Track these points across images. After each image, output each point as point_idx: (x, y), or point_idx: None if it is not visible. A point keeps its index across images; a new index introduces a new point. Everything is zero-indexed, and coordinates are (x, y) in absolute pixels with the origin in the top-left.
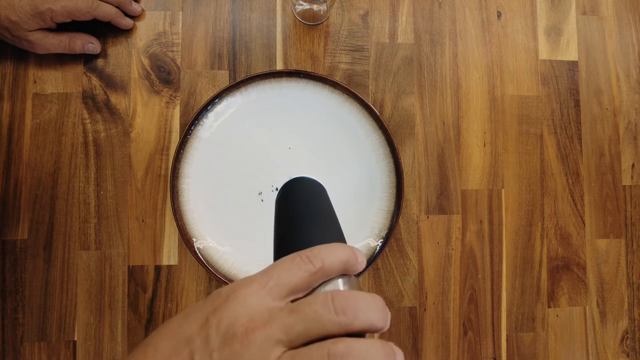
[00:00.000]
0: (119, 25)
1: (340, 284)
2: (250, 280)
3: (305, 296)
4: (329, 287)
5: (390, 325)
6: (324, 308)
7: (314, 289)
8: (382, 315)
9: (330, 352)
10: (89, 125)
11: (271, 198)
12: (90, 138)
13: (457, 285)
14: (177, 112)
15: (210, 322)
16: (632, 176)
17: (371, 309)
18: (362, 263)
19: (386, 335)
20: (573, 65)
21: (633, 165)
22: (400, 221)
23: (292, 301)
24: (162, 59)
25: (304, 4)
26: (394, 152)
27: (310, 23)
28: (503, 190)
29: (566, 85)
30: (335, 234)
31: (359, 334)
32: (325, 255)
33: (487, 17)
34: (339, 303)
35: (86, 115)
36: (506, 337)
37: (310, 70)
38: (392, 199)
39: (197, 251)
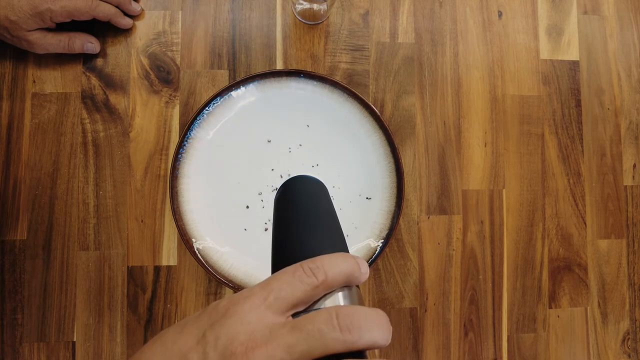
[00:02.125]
0: (118, 25)
1: (342, 297)
2: (249, 293)
3: (305, 309)
4: (330, 300)
5: (391, 326)
6: (328, 326)
7: (314, 302)
8: (386, 333)
9: None
10: (88, 125)
11: (271, 198)
12: (90, 138)
13: (458, 286)
14: (176, 112)
15: (208, 338)
16: (633, 176)
17: (375, 327)
18: (365, 274)
19: None
20: (574, 65)
21: (634, 166)
22: (401, 221)
23: (293, 314)
24: (162, 59)
25: (304, 3)
26: (394, 152)
27: (311, 22)
28: (504, 190)
29: (567, 85)
30: (337, 241)
31: (361, 351)
32: (328, 267)
33: (488, 16)
34: (343, 321)
35: (85, 115)
36: (507, 338)
37: (310, 70)
38: (393, 199)
39: (197, 252)
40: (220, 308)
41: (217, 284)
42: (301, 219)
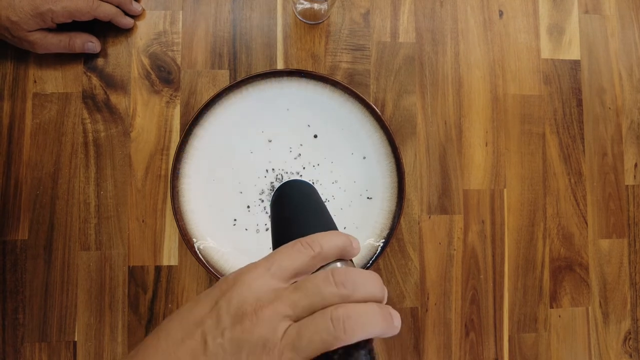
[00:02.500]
0: (119, 25)
1: (338, 266)
2: (254, 265)
3: None
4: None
5: None
6: (325, 282)
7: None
8: (380, 287)
9: (333, 316)
10: (89, 125)
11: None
12: (91, 138)
13: (459, 286)
14: (177, 112)
15: (220, 304)
16: (634, 176)
17: (369, 282)
18: (357, 249)
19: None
20: (575, 64)
21: (636, 165)
22: (402, 221)
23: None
24: (163, 59)
25: (305, 2)
26: (395, 152)
27: (311, 22)
28: (505, 190)
29: (568, 84)
30: (329, 226)
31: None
32: (323, 241)
33: (489, 15)
34: (338, 277)
35: (86, 115)
36: (508, 337)
37: (311, 70)
38: (394, 199)
39: (198, 251)
40: (229, 279)
41: None
42: (296, 212)
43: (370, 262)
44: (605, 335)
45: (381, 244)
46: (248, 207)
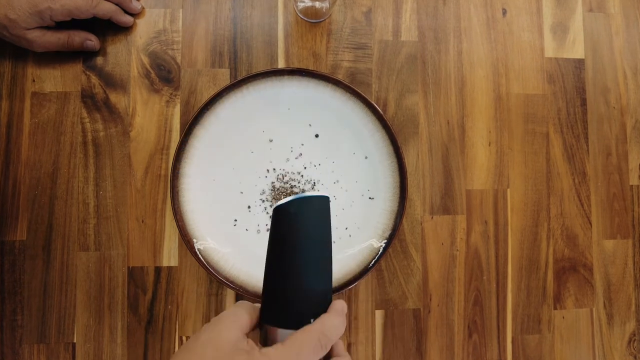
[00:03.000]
0: (118, 23)
1: None
2: None
3: None
4: None
5: (395, 327)
6: None
7: None
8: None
9: None
10: (88, 124)
11: (272, 198)
12: (90, 137)
13: (462, 287)
14: (177, 111)
15: None
16: (639, 176)
17: None
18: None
19: (390, 337)
20: (579, 63)
21: None
22: (404, 222)
23: None
24: (162, 57)
25: (306, 1)
26: (397, 152)
27: (313, 20)
28: (508, 190)
29: (572, 83)
30: (327, 277)
31: None
32: (335, 336)
33: (492, 14)
34: None
35: (85, 115)
36: (511, 339)
37: (312, 69)
38: (396, 199)
39: (198, 252)
40: None
41: (219, 284)
42: (299, 258)
43: (372, 263)
44: (610, 337)
45: (383, 245)
46: (249, 207)
